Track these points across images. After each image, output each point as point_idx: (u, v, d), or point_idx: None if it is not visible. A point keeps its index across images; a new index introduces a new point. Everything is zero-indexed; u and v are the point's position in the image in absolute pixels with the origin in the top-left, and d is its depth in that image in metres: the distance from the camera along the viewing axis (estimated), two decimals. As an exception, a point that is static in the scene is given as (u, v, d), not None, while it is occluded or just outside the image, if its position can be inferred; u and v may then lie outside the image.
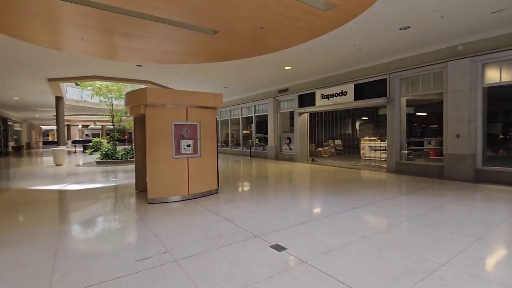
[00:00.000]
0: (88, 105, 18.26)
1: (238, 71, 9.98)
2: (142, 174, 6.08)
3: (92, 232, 3.61)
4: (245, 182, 7.33)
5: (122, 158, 12.55)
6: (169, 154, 5.09)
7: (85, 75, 10.63)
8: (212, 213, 4.29)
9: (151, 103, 4.88)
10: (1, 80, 10.75)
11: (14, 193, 6.17)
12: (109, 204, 5.14)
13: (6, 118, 22.29)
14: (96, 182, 7.49)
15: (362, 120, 17.49)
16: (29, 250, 3.02)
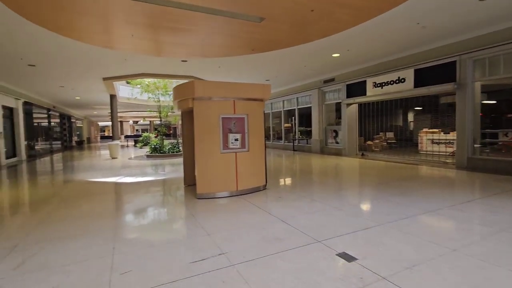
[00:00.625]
0: (138, 102, 19.39)
1: (281, 61, 9.54)
2: (190, 169, 6.07)
3: (145, 227, 3.58)
4: (292, 178, 6.96)
5: (169, 152, 13.02)
6: (217, 148, 4.94)
7: (135, 73, 11.13)
8: (264, 212, 4.02)
9: (199, 96, 4.74)
10: (66, 81, 11.78)
11: (76, 184, 6.64)
12: (160, 198, 5.19)
13: (70, 116, 24.83)
14: (147, 175, 7.76)
15: (417, 110, 15.82)
16: (90, 243, 3.05)
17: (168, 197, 5.26)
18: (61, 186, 6.60)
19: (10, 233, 3.46)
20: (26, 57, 8.25)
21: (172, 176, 7.58)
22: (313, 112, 12.78)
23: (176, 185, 6.26)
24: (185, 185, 6.09)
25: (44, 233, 3.42)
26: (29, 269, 2.54)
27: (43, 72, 10.06)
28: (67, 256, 2.77)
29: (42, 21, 5.69)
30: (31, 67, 9.32)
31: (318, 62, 9.70)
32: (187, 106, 5.03)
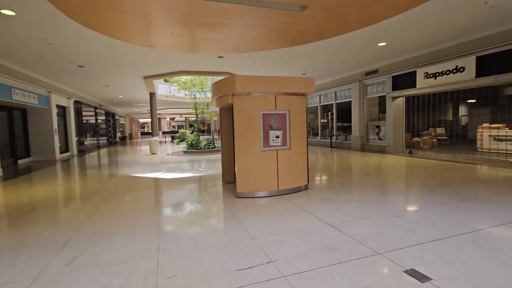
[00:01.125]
0: (175, 99, 20.02)
1: (319, 54, 9.04)
2: (228, 166, 5.96)
3: (187, 226, 3.49)
4: (335, 177, 6.53)
5: (205, 148, 13.20)
6: (258, 146, 4.73)
7: (173, 71, 11.37)
8: (310, 215, 3.73)
9: (239, 91, 4.55)
10: (110, 80, 12.45)
11: (120, 179, 6.90)
12: (199, 195, 5.14)
13: (114, 113, 26.52)
14: (185, 171, 7.85)
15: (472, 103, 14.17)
16: (135, 241, 3.03)
17: (207, 195, 5.19)
18: (106, 180, 6.91)
19: (64, 227, 3.59)
20: (76, 58, 8.78)
21: (209, 172, 7.57)
22: (353, 106, 12.04)
23: (214, 182, 6.20)
24: (223, 182, 6.00)
25: (93, 228, 3.49)
26: (80, 265, 2.55)
27: (91, 72, 10.68)
28: (114, 254, 2.75)
29: (87, 22, 5.91)
30: (80, 68, 9.93)
31: (361, 53, 9.03)
32: (226, 102, 4.88)
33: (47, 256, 2.76)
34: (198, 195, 5.16)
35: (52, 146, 12.16)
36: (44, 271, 2.48)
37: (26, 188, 6.24)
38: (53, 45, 7.29)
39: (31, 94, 10.48)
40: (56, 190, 5.96)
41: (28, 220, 3.93)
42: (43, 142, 12.08)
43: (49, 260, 2.67)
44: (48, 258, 2.73)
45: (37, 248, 2.97)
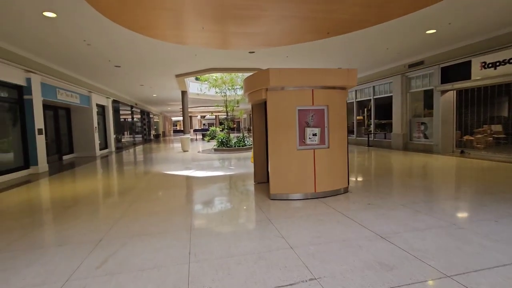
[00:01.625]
0: (205, 97, 20.27)
1: (356, 45, 8.39)
2: (261, 165, 5.68)
3: (219, 230, 3.27)
4: (377, 179, 5.97)
5: (235, 146, 13.10)
6: (293, 144, 4.38)
7: (204, 68, 11.37)
8: (354, 223, 3.31)
9: (273, 86, 4.23)
10: (145, 79, 12.82)
11: (154, 176, 6.96)
12: (231, 195, 4.93)
13: (149, 112, 27.64)
14: (217, 170, 7.73)
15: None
16: (166, 245, 2.86)
17: (239, 195, 4.96)
18: (141, 177, 7.00)
19: (98, 225, 3.56)
20: (113, 58, 9.07)
21: (240, 171, 7.37)
22: (395, 102, 11.12)
23: (245, 182, 5.97)
24: (255, 182, 5.74)
25: (125, 228, 3.41)
26: (110, 270, 2.42)
27: (127, 72, 11.04)
28: (145, 259, 2.60)
29: (123, 21, 5.96)
30: (117, 68, 10.28)
31: (406, 42, 8.22)
32: (259, 98, 4.59)
33: (79, 257, 2.69)
34: (230, 195, 4.95)
35: (93, 143, 12.84)
36: (75, 273, 2.39)
37: (68, 183, 6.51)
38: (91, 46, 7.55)
39: (74, 94, 11.11)
40: (94, 185, 6.14)
41: (67, 215, 3.99)
42: (84, 139, 12.80)
43: (81, 261, 2.59)
44: (80, 258, 2.65)
45: (71, 247, 2.93)
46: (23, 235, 3.31)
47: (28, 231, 3.43)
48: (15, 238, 3.23)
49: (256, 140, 5.66)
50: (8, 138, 7.69)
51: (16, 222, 3.83)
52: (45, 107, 10.53)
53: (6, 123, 7.66)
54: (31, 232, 3.42)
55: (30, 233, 3.39)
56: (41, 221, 3.80)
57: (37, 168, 8.21)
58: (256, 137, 5.66)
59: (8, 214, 4.19)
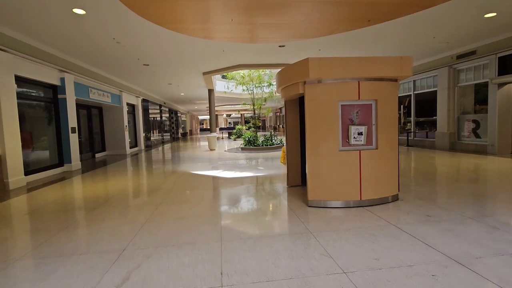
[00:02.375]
0: (232, 95, 20.07)
1: (396, 35, 7.57)
2: (295, 167, 5.20)
3: (254, 243, 2.85)
4: (428, 184, 5.23)
5: (263, 145, 12.68)
6: (335, 145, 3.84)
7: (231, 65, 11.06)
8: (417, 241, 2.73)
9: (313, 78, 3.73)
10: (172, 78, 12.82)
11: (181, 176, 6.74)
12: (263, 201, 4.50)
13: (176, 111, 28.12)
14: (245, 170, 7.35)
15: None
16: (195, 259, 2.50)
17: (272, 200, 4.52)
18: (168, 176, 6.82)
19: (122, 231, 3.31)
20: (142, 57, 9.04)
21: (270, 172, 6.92)
22: (440, 97, 10.04)
23: (277, 185, 5.51)
24: (288, 185, 5.26)
25: (150, 236, 3.11)
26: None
27: (155, 70, 11.04)
28: (171, 277, 2.25)
29: (150, 15, 5.76)
30: (146, 66, 10.29)
31: (457, 29, 7.26)
32: (295, 92, 4.11)
33: (100, 269, 2.41)
34: (261, 200, 4.52)
35: (123, 142, 13.10)
36: (94, 292, 2.09)
37: (98, 182, 6.49)
38: (120, 43, 7.50)
39: (105, 93, 11.33)
40: (122, 185, 6.03)
41: (94, 217, 3.81)
42: (115, 138, 13.10)
43: (101, 276, 2.30)
44: (100, 272, 2.37)
45: (92, 256, 2.67)
46: (47, 239, 3.13)
47: (52, 234, 3.26)
48: (40, 243, 3.05)
49: (290, 139, 5.18)
50: (44, 136, 7.90)
51: (44, 223, 3.71)
52: (79, 106, 10.84)
53: (42, 122, 7.87)
54: (55, 235, 3.24)
55: (54, 236, 3.21)
56: (67, 223, 3.64)
57: (70, 166, 8.39)
58: (289, 136, 5.18)
59: (38, 214, 4.11)
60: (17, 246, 2.98)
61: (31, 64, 6.93)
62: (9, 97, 6.06)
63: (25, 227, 3.60)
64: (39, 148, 7.66)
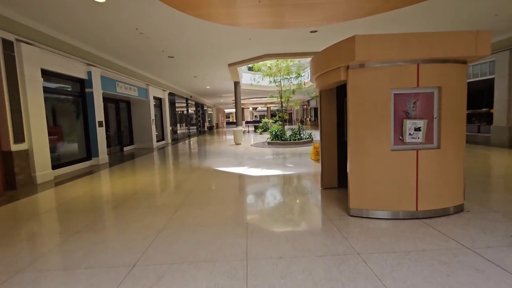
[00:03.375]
0: (258, 88, 19.50)
1: (453, 12, 6.45)
2: (330, 167, 4.55)
3: (288, 267, 2.31)
4: (496, 191, 4.31)
5: (290, 140, 12.02)
6: (385, 143, 3.15)
7: (258, 55, 10.46)
8: (509, 275, 2.01)
9: (360, 60, 3.04)
10: (198, 70, 12.51)
11: (205, 173, 6.36)
12: (296, 206, 3.93)
13: (203, 104, 28.18)
14: (273, 167, 6.79)
15: None
16: (213, 286, 2.02)
17: (306, 205, 3.93)
18: (192, 173, 6.48)
19: (135, 240, 2.93)
20: (166, 48, 8.75)
21: (301, 170, 6.31)
22: (498, 86, 8.67)
23: (310, 186, 4.91)
24: (322, 187, 4.63)
25: (165, 247, 2.69)
26: (135, 327, 1.65)
27: (180, 62, 10.76)
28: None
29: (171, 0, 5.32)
30: (171, 58, 10.02)
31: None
32: (335, 80, 3.44)
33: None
34: (293, 205, 3.96)
35: (150, 135, 13.14)
36: (90, 328, 1.68)
37: (121, 178, 6.32)
38: (144, 34, 7.21)
39: (132, 86, 11.31)
40: (144, 181, 5.77)
41: (109, 219, 3.51)
42: (143, 131, 13.17)
43: (103, 303, 1.90)
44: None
45: (98, 273, 2.29)
46: (58, 245, 2.84)
47: (65, 239, 2.98)
48: (49, 248, 2.77)
49: (325, 134, 4.52)
50: (72, 130, 7.94)
51: (58, 224, 3.47)
52: (108, 100, 10.92)
53: (70, 116, 7.90)
54: (67, 240, 2.95)
55: (66, 241, 2.92)
56: (81, 226, 3.35)
57: (98, 159, 8.40)
58: (324, 131, 4.52)
59: (54, 214, 3.91)
60: (19, 256, 2.70)
61: (58, 57, 6.88)
62: (35, 91, 6.01)
63: (36, 229, 3.37)
64: (67, 142, 7.70)
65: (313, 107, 32.06)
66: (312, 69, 4.20)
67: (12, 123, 5.43)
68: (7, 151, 5.38)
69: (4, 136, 5.36)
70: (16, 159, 5.47)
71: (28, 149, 5.80)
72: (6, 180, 5.41)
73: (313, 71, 4.18)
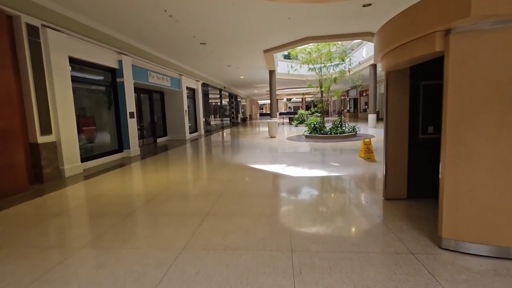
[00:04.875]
0: (294, 77, 18.33)
1: None
2: (398, 172, 3.50)
3: None
4: None
5: (331, 133, 10.84)
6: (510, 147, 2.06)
7: (297, 38, 9.39)
8: None
9: (479, 16, 1.95)
10: (231, 58, 11.78)
11: (236, 170, 5.63)
12: (356, 224, 2.99)
13: (236, 95, 27.67)
14: (314, 166, 5.83)
15: None
16: None
17: (369, 225, 2.97)
18: (223, 171, 5.80)
19: (146, 266, 2.25)
20: (198, 34, 8.10)
21: (349, 171, 5.27)
22: None
23: (366, 193, 3.90)
24: (385, 197, 3.61)
25: (182, 284, 1.96)
26: None
27: (213, 50, 10.10)
28: None
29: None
30: (203, 45, 9.38)
31: None
32: (420, 53, 2.41)
33: None
34: (352, 223, 3.02)
35: (183, 127, 12.83)
36: None
37: (148, 173, 5.87)
38: (173, 17, 6.59)
39: (165, 76, 10.95)
40: (171, 180, 5.21)
41: (121, 231, 2.91)
42: (176, 123, 12.91)
43: None
44: None
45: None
46: (60, 262, 2.27)
47: (70, 255, 2.41)
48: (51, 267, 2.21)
49: (392, 130, 3.46)
50: (103, 122, 7.72)
51: (70, 231, 2.95)
52: (141, 90, 10.69)
53: (101, 107, 7.67)
54: (71, 257, 2.37)
55: (69, 258, 2.34)
56: (86, 240, 2.79)
57: (129, 152, 8.14)
58: (392, 125, 3.46)
59: (66, 217, 3.44)
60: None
61: (87, 45, 6.55)
62: (63, 80, 5.71)
63: (38, 241, 2.87)
64: (97, 134, 7.49)
65: (353, 97, 29.87)
66: (379, 43, 3.15)
67: (38, 113, 5.16)
68: (34, 143, 5.13)
69: (30, 127, 5.11)
70: (43, 152, 5.21)
71: (55, 141, 5.54)
72: (34, 173, 5.19)
73: (380, 47, 3.14)
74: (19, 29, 4.87)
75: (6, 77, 4.44)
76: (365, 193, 3.96)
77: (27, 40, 4.96)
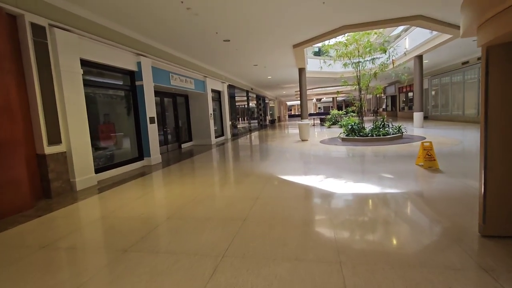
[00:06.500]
0: (326, 75, 17.04)
1: None
2: (505, 196, 2.32)
3: None
4: None
5: (372, 135, 9.48)
6: None
7: (331, 28, 8.26)
8: None
9: None
10: (257, 56, 10.92)
11: (265, 183, 4.69)
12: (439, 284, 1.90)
13: (264, 97, 26.83)
14: (359, 177, 4.70)
15: None
16: None
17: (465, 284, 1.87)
18: (249, 185, 4.91)
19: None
20: (220, 29, 7.36)
21: (409, 187, 4.07)
22: None
23: (450, 225, 2.74)
24: (483, 233, 2.44)
25: None
26: None
27: (237, 48, 9.32)
28: None
29: None
30: (226, 42, 8.63)
31: None
32: None
33: None
34: (438, 284, 1.94)
35: (209, 131, 12.22)
36: None
37: (165, 186, 5.19)
38: (192, 10, 5.87)
39: (188, 78, 10.39)
40: (188, 197, 4.44)
41: (105, 278, 2.11)
42: (201, 127, 12.34)
43: None
44: None
45: None
46: None
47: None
48: None
49: (498, 132, 2.30)
50: (122, 128, 7.25)
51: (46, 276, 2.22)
52: (164, 94, 10.23)
53: (119, 113, 7.20)
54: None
55: None
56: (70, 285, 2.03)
57: (149, 160, 7.59)
58: (497, 126, 2.30)
59: (55, 252, 2.74)
60: None
61: (101, 46, 6.06)
62: (74, 84, 5.22)
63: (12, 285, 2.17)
64: (115, 142, 7.01)
65: (390, 94, 27.54)
66: (474, 6, 2.04)
67: (45, 121, 4.67)
68: (41, 154, 4.66)
69: (37, 137, 4.64)
70: (50, 163, 4.72)
71: (65, 151, 5.04)
72: (42, 187, 4.71)
73: (475, 11, 2.03)
74: (23, 29, 4.42)
75: (4, 82, 3.96)
76: (443, 220, 2.80)
77: (32, 41, 4.49)
